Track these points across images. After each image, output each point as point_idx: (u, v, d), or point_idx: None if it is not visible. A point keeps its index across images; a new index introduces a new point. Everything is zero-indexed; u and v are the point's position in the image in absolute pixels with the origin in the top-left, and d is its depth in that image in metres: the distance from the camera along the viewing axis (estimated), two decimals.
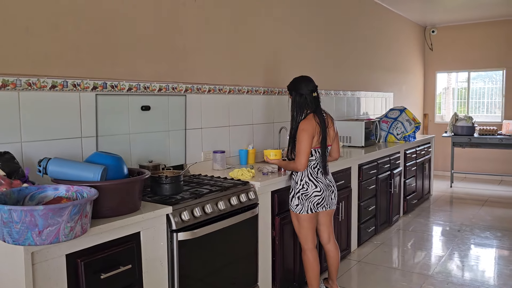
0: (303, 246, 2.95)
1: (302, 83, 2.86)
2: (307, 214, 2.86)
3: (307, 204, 2.84)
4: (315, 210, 2.86)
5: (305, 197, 2.84)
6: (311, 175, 2.85)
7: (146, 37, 2.74)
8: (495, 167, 7.67)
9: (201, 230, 2.24)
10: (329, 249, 3.07)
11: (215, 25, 3.28)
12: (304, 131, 2.74)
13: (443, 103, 8.55)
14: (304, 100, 2.82)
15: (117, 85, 2.56)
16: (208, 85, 3.22)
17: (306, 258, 2.94)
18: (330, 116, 2.95)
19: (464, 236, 4.58)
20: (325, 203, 2.89)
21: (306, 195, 2.84)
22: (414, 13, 7.03)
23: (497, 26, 7.54)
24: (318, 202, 2.86)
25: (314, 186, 2.84)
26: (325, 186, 2.88)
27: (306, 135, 2.74)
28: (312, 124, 2.77)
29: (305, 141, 2.74)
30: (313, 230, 2.93)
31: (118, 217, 1.88)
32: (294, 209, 2.89)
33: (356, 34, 5.56)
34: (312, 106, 2.83)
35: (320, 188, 2.85)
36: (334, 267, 3.09)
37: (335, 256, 3.08)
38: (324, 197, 2.87)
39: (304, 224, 2.89)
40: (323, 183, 2.87)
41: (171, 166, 2.87)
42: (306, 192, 2.84)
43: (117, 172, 1.99)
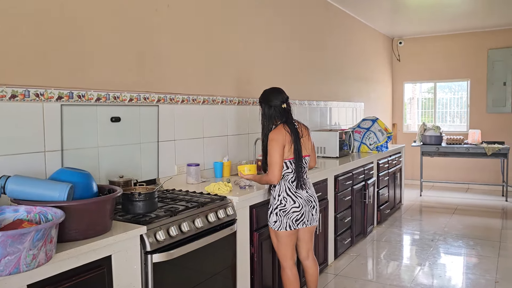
0: (282, 264, 2.83)
1: (272, 95, 2.76)
2: (285, 231, 2.72)
3: (285, 221, 2.70)
4: (294, 227, 2.73)
5: (283, 213, 2.70)
6: (289, 189, 2.71)
7: (116, 44, 2.58)
8: (462, 176, 7.86)
9: (177, 251, 2.08)
10: (308, 265, 2.95)
11: (189, 33, 3.15)
12: (274, 141, 2.63)
13: (408, 113, 8.72)
14: (273, 112, 2.73)
15: (84, 95, 2.38)
16: (181, 95, 3.08)
17: (286, 276, 2.81)
18: (304, 126, 2.85)
19: (438, 246, 4.59)
20: (305, 219, 2.75)
21: (284, 211, 2.70)
22: (382, 24, 7.15)
23: (461, 39, 7.78)
24: (297, 219, 2.72)
25: (292, 202, 2.70)
26: (305, 201, 2.74)
27: (276, 145, 2.62)
28: (281, 133, 2.65)
29: (276, 152, 2.61)
30: (293, 247, 2.81)
31: (87, 240, 1.71)
32: (272, 226, 2.76)
33: (328, 45, 5.56)
34: (282, 118, 2.72)
35: (299, 204, 2.71)
36: (313, 284, 2.97)
37: (314, 273, 2.96)
38: (304, 213, 2.73)
39: (283, 241, 2.76)
40: (303, 197, 2.73)
41: (143, 181, 2.70)
42: (284, 208, 2.70)
43: (86, 190, 1.82)
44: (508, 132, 7.46)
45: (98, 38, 2.47)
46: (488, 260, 4.13)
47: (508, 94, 7.46)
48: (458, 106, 8.31)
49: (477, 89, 7.74)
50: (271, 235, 2.82)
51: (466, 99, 7.98)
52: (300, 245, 2.91)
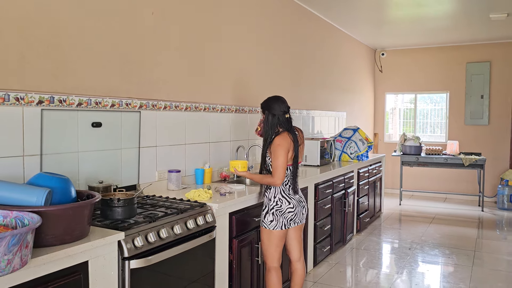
0: (268, 265, 2.89)
1: (276, 103, 2.89)
2: (280, 231, 2.84)
3: (282, 220, 2.83)
4: (287, 226, 2.85)
5: (279, 213, 2.83)
6: (283, 192, 2.85)
7: (98, 49, 2.59)
8: (440, 185, 8.01)
9: (155, 257, 2.09)
10: (299, 267, 3.03)
11: (173, 40, 3.18)
12: (280, 146, 2.77)
13: (390, 123, 8.87)
14: (276, 120, 2.86)
15: (65, 100, 2.38)
16: (164, 102, 3.09)
17: (271, 277, 2.88)
18: (301, 132, 3.04)
19: (415, 254, 4.68)
20: (297, 218, 2.90)
21: (280, 211, 2.83)
22: (365, 36, 7.28)
23: (441, 52, 7.97)
24: (291, 218, 2.86)
25: (287, 203, 2.85)
26: (297, 202, 2.90)
27: (282, 150, 2.76)
28: (287, 140, 2.81)
29: (282, 156, 2.76)
30: (281, 248, 2.91)
31: (64, 245, 1.70)
32: (267, 226, 2.84)
33: (312, 55, 5.64)
34: (284, 126, 2.87)
35: (293, 205, 2.86)
36: (299, 286, 3.04)
37: (303, 274, 3.05)
38: (297, 213, 2.89)
39: (274, 241, 2.85)
40: (295, 199, 2.88)
41: (123, 186, 2.70)
42: (280, 209, 2.84)
43: (64, 195, 1.82)
44: (484, 144, 7.65)
45: (80, 43, 2.47)
46: (462, 269, 4.22)
47: (485, 107, 7.66)
48: (438, 117, 8.50)
49: (456, 101, 7.93)
50: (263, 236, 2.88)
51: (446, 111, 8.16)
52: (293, 244, 3.00)
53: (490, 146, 7.62)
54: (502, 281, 3.95)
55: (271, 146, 2.82)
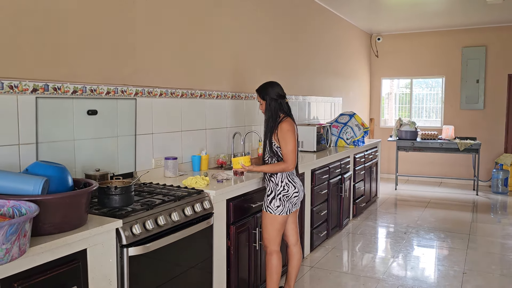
0: (270, 248, 2.94)
1: (275, 88, 2.91)
2: (285, 216, 2.89)
3: (288, 205, 2.89)
4: (291, 211, 2.92)
5: (286, 198, 2.88)
6: (289, 176, 2.90)
7: (93, 35, 2.56)
8: (435, 170, 8.07)
9: (153, 244, 2.10)
10: (296, 251, 3.10)
11: (169, 25, 3.14)
12: (290, 132, 2.81)
13: (386, 108, 8.87)
14: (279, 105, 2.89)
15: (60, 87, 2.36)
16: (159, 89, 3.07)
17: (272, 261, 2.93)
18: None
19: (410, 238, 4.73)
20: (298, 202, 2.99)
21: (287, 196, 2.88)
22: (361, 20, 7.23)
23: (437, 36, 7.94)
24: (295, 203, 2.94)
25: (293, 187, 2.90)
26: (300, 186, 2.96)
27: (292, 135, 2.81)
28: (293, 125, 2.87)
29: (293, 141, 2.80)
30: (282, 232, 2.96)
31: (62, 233, 1.70)
32: (273, 211, 2.88)
33: (307, 40, 5.60)
34: (286, 111, 2.91)
35: (297, 189, 2.93)
36: (296, 271, 3.11)
37: (300, 258, 3.12)
38: (299, 197, 2.96)
39: (277, 226, 2.90)
40: (298, 183, 2.95)
41: (120, 174, 2.69)
42: (287, 194, 2.88)
43: (61, 184, 1.81)
44: (480, 128, 7.68)
45: (74, 30, 2.44)
46: (457, 252, 4.28)
47: (481, 91, 7.67)
48: (434, 101, 8.51)
49: (452, 86, 7.93)
50: (266, 220, 2.91)
51: (441, 96, 8.17)
52: (291, 229, 3.06)
53: (485, 131, 7.66)
54: (496, 263, 4.01)
55: (279, 133, 2.81)
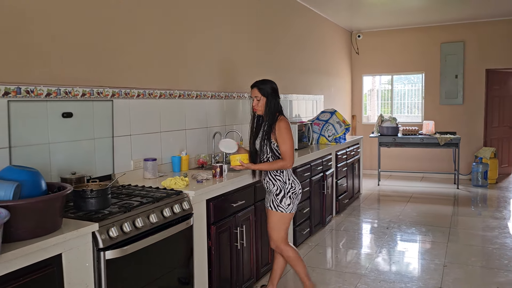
0: (281, 247, 2.98)
1: (275, 86, 2.98)
2: (293, 213, 2.97)
3: (296, 202, 2.96)
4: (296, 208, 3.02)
5: (294, 196, 2.94)
6: (291, 174, 2.97)
7: (67, 36, 2.52)
8: (417, 165, 8.17)
9: (131, 247, 2.08)
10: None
11: (146, 25, 3.11)
12: (288, 130, 2.87)
13: (368, 105, 8.96)
14: (277, 103, 2.95)
15: (33, 90, 2.32)
16: (137, 90, 3.04)
17: (289, 253, 2.99)
18: None
19: (393, 233, 4.79)
20: None
21: (295, 193, 2.95)
22: (341, 18, 7.28)
23: (416, 33, 8.04)
24: (299, 199, 3.01)
25: (298, 185, 2.98)
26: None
27: (290, 133, 2.88)
28: (289, 123, 2.93)
29: (291, 139, 2.86)
30: None
31: (36, 238, 1.68)
32: (285, 209, 2.91)
33: (288, 38, 5.62)
34: (280, 110, 2.97)
35: (300, 186, 3.01)
36: (282, 269, 3.18)
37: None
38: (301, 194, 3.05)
39: (287, 224, 2.97)
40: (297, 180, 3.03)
41: (97, 177, 2.66)
42: (294, 191, 2.94)
43: (34, 188, 1.78)
44: (459, 123, 7.82)
45: (47, 30, 2.40)
46: (438, 246, 4.35)
47: (460, 86, 7.80)
48: (416, 97, 8.62)
49: (431, 81, 8.04)
50: (275, 218, 2.94)
51: (421, 91, 8.27)
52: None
53: (464, 125, 7.79)
54: (476, 255, 4.09)
55: (277, 131, 2.86)
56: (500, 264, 3.84)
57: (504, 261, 3.89)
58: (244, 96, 4.49)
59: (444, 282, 3.48)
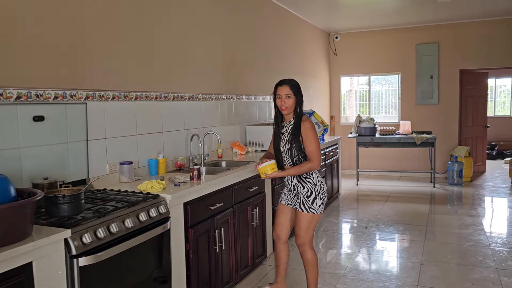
0: (309, 248, 2.98)
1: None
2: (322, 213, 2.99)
3: (324, 202, 2.97)
4: None
5: (324, 196, 2.95)
6: (318, 175, 2.96)
7: (38, 38, 2.45)
8: (395, 164, 8.29)
9: (106, 253, 2.04)
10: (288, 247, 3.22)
11: (119, 26, 3.06)
12: (314, 130, 2.84)
13: (347, 105, 9.04)
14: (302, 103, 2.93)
15: (2, 93, 2.24)
16: (112, 92, 2.99)
17: (314, 260, 3.01)
18: None
19: (371, 233, 4.83)
20: None
21: (324, 194, 2.96)
22: (319, 19, 7.33)
23: (392, 34, 8.16)
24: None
25: (324, 185, 2.99)
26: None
27: (315, 133, 2.85)
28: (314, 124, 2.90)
29: (317, 139, 2.83)
30: None
31: (4, 247, 1.62)
32: (316, 210, 2.91)
33: (265, 40, 5.62)
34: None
35: (326, 186, 3.02)
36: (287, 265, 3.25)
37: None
38: None
39: (315, 224, 2.99)
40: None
41: (71, 182, 2.60)
42: (324, 192, 2.95)
43: (2, 195, 1.72)
44: (435, 123, 7.96)
45: (18, 31, 2.33)
46: (415, 244, 4.41)
47: (435, 87, 7.95)
48: (393, 97, 8.74)
49: (407, 82, 8.17)
50: (307, 221, 2.92)
51: (398, 92, 8.40)
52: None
53: (440, 125, 7.94)
54: (452, 253, 4.16)
55: (303, 132, 2.81)
56: (475, 261, 3.92)
57: (478, 258, 3.97)
58: (222, 98, 4.46)
59: (421, 280, 3.53)
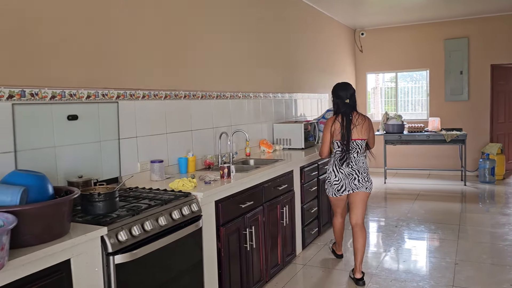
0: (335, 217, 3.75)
1: (339, 90, 3.52)
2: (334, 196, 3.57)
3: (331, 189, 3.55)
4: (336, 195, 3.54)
5: (329, 184, 3.55)
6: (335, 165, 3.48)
7: (71, 38, 2.48)
8: (423, 162, 8.11)
9: (140, 250, 2.04)
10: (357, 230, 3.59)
11: (150, 26, 3.07)
12: (325, 126, 3.49)
13: (372, 103, 8.89)
14: (337, 104, 3.49)
15: (38, 93, 2.28)
16: (142, 91, 3.00)
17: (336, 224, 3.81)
18: (362, 117, 3.51)
19: (402, 231, 4.73)
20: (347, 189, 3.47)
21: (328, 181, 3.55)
22: (344, 16, 7.23)
23: (420, 29, 7.98)
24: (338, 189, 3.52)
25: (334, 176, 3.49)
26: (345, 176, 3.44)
27: (325, 130, 3.47)
28: (331, 122, 3.45)
29: (324, 135, 3.49)
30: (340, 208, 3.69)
31: (43, 244, 1.64)
32: (327, 193, 3.60)
33: (292, 37, 5.57)
34: (343, 109, 3.43)
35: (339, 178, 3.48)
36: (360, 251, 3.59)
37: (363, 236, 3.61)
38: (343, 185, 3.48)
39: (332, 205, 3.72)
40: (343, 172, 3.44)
41: (104, 180, 2.62)
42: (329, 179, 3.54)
43: (41, 193, 1.74)
44: (465, 119, 7.74)
45: (52, 33, 2.36)
46: (448, 243, 4.29)
47: (465, 82, 7.73)
48: (419, 94, 8.55)
49: (436, 78, 7.97)
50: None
51: (426, 88, 8.21)
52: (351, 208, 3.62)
53: (470, 121, 7.72)
54: (486, 253, 4.03)
55: None
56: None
57: None
58: (249, 96, 4.44)
59: (456, 281, 3.43)
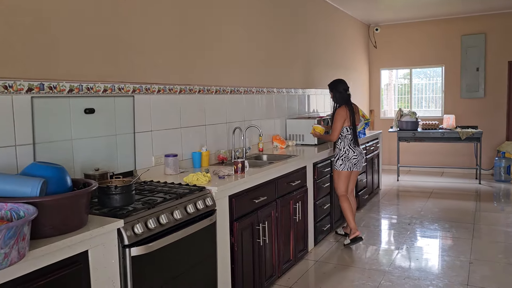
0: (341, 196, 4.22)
1: (339, 84, 4.15)
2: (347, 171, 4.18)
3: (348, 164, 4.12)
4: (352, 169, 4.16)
5: (346, 159, 4.10)
6: (350, 145, 4.11)
7: (88, 33, 2.50)
8: (437, 160, 8.02)
9: (156, 243, 2.06)
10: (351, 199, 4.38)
11: (165, 20, 3.08)
12: (339, 116, 4.05)
13: (385, 99, 8.82)
14: (339, 96, 4.11)
15: (56, 86, 2.31)
16: (157, 85, 3.02)
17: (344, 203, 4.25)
18: (356, 106, 4.21)
19: (415, 229, 4.70)
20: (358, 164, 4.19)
21: (346, 157, 4.10)
22: (358, 11, 7.16)
23: (435, 25, 7.87)
24: (355, 163, 4.14)
25: (352, 152, 4.10)
26: (359, 153, 4.16)
27: (339, 118, 4.04)
28: (344, 111, 4.05)
29: (338, 122, 4.04)
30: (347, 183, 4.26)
31: (62, 235, 1.66)
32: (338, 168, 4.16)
33: (305, 33, 5.54)
34: (345, 101, 4.08)
35: (357, 153, 4.13)
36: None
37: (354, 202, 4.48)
38: (359, 160, 4.17)
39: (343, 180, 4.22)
40: (357, 150, 4.15)
41: (120, 173, 2.65)
42: (347, 156, 4.09)
43: (59, 185, 1.77)
44: (481, 117, 7.64)
45: (68, 28, 2.38)
46: (462, 242, 4.25)
47: (481, 79, 7.61)
48: (433, 91, 8.46)
49: (451, 74, 7.87)
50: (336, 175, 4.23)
51: (441, 85, 8.11)
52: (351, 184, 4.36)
53: (486, 119, 7.61)
54: (501, 252, 3.98)
55: (334, 115, 4.08)
56: None
57: None
58: (263, 91, 4.44)
59: (471, 280, 3.40)
